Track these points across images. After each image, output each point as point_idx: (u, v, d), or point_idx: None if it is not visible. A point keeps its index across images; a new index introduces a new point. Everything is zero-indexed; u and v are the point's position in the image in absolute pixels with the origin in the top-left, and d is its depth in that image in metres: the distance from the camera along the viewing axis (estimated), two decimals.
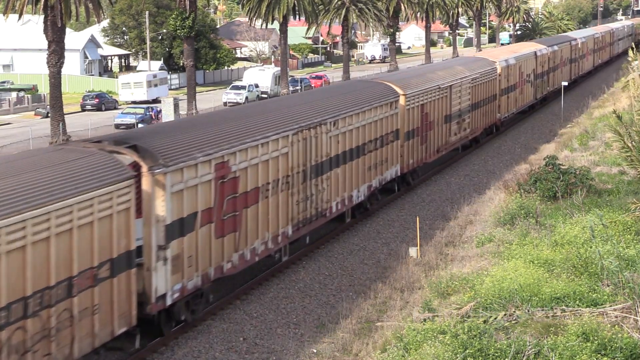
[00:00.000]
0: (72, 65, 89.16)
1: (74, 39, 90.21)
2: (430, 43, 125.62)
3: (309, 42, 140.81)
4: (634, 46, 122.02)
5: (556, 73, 70.86)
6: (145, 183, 19.70)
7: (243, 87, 78.14)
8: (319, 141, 27.88)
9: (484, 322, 18.06)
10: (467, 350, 16.04)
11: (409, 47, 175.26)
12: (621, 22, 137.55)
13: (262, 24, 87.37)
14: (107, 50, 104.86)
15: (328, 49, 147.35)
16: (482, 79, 47.83)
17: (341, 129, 29.49)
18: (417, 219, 30.52)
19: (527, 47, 64.40)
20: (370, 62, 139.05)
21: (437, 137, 39.96)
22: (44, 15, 52.69)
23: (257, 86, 79.30)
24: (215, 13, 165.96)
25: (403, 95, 35.58)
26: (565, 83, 66.29)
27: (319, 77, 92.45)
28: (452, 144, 43.04)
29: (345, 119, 29.88)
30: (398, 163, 35.31)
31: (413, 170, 37.78)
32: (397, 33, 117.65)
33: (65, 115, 57.09)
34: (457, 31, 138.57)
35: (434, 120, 39.50)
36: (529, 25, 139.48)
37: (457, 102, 43.18)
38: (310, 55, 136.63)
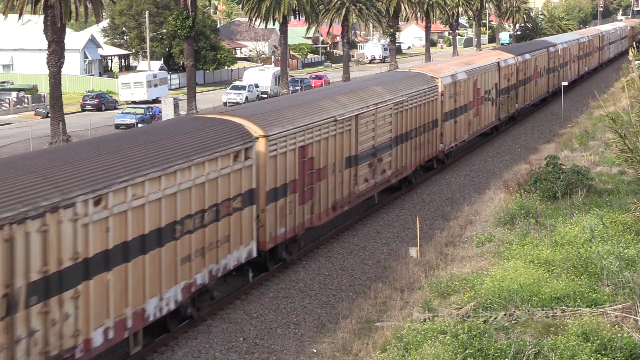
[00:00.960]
0: (72, 65, 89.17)
1: (74, 39, 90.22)
2: (430, 43, 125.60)
3: (309, 42, 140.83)
4: (634, 45, 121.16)
5: (529, 86, 60.32)
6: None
7: (243, 87, 78.16)
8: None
9: (484, 322, 18.07)
10: (467, 350, 16.05)
11: (409, 47, 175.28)
12: (613, 24, 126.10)
13: (262, 24, 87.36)
14: (107, 50, 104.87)
15: (328, 49, 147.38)
16: (413, 102, 36.74)
17: (114, 209, 18.22)
18: (417, 219, 30.52)
19: (488, 57, 52.99)
20: (370, 62, 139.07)
21: (332, 189, 29.08)
22: (44, 15, 52.71)
23: (257, 86, 79.33)
24: (215, 13, 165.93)
25: (263, 137, 24.81)
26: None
27: (319, 77, 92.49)
28: (362, 195, 31.78)
29: (126, 191, 18.57)
30: (253, 239, 24.18)
31: (291, 239, 26.85)
32: (397, 33, 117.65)
33: (65, 115, 57.09)
34: (457, 31, 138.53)
35: (327, 166, 28.74)
36: (529, 25, 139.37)
37: (370, 137, 32.31)
38: (310, 55, 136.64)
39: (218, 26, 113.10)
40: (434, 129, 40.11)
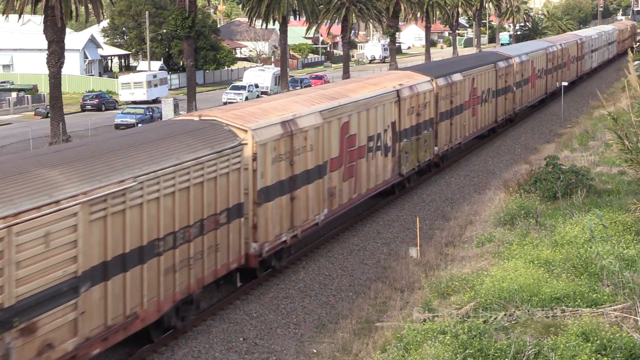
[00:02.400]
0: (72, 65, 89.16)
1: (74, 39, 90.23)
2: (430, 43, 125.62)
3: (309, 42, 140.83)
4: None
5: (460, 119, 43.16)
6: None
7: (243, 87, 78.19)
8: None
9: (484, 322, 18.07)
10: (467, 350, 16.05)
11: (409, 47, 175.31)
12: (597, 28, 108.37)
13: (262, 24, 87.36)
14: (107, 50, 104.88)
15: (328, 49, 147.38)
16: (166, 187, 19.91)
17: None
18: (417, 219, 30.52)
19: (381, 84, 35.16)
20: (370, 62, 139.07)
21: None
22: (44, 15, 52.73)
23: (257, 86, 79.34)
24: (215, 13, 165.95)
25: None
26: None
27: (318, 77, 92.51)
28: None
29: None
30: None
31: None
32: (397, 33, 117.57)
33: (65, 115, 57.12)
34: (457, 31, 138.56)
35: None
36: (529, 25, 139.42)
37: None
38: (310, 55, 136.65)
39: (218, 26, 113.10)
40: (238, 220, 23.04)
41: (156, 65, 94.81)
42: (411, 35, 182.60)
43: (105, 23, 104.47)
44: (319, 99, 29.49)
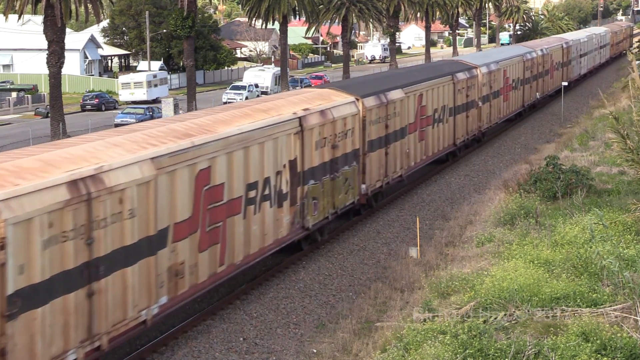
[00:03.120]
0: (72, 65, 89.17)
1: (74, 39, 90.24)
2: (430, 43, 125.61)
3: (309, 42, 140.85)
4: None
5: (397, 147, 34.69)
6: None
7: (243, 87, 78.19)
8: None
9: (484, 322, 18.07)
10: (467, 350, 16.05)
11: (409, 47, 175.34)
12: (587, 31, 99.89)
13: (262, 24, 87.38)
14: (107, 50, 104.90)
15: (328, 49, 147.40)
16: None
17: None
18: (417, 219, 30.52)
19: (274, 111, 26.00)
20: (370, 62, 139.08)
21: None
22: (44, 15, 52.74)
23: (257, 86, 79.35)
24: (215, 13, 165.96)
25: None
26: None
27: (318, 77, 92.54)
28: None
29: None
30: None
31: None
32: (397, 33, 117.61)
33: (65, 115, 57.18)
34: (457, 31, 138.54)
35: None
36: (529, 25, 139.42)
37: None
38: (310, 55, 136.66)
39: (218, 26, 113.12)
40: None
41: (156, 65, 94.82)
42: (411, 35, 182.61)
43: (105, 23, 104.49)
44: (161, 138, 20.57)
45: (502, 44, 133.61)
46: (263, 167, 24.21)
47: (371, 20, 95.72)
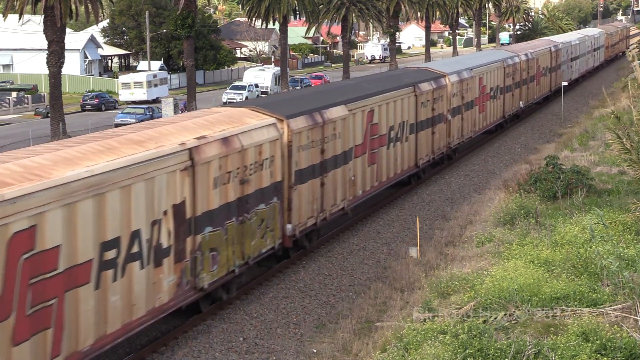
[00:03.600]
0: (72, 65, 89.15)
1: (74, 39, 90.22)
2: (430, 43, 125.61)
3: (309, 42, 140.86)
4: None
5: (337, 175, 29.53)
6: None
7: (243, 87, 78.19)
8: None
9: (484, 322, 18.08)
10: (467, 350, 16.05)
11: (409, 47, 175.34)
12: (579, 32, 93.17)
13: (262, 24, 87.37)
14: (107, 50, 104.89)
15: (328, 49, 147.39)
16: None
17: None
18: (417, 219, 30.51)
19: (154, 141, 20.44)
20: (370, 62, 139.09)
21: None
22: (43, 15, 52.74)
23: (257, 86, 79.36)
24: (215, 13, 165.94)
25: None
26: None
27: (318, 77, 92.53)
28: None
29: None
30: None
31: None
32: (397, 33, 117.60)
33: (65, 115, 57.20)
34: (457, 31, 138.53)
35: None
36: (529, 25, 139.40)
37: None
38: (310, 55, 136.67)
39: (218, 26, 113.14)
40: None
41: (156, 65, 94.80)
42: (411, 35, 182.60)
43: (105, 23, 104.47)
44: None
45: (502, 44, 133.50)
46: (130, 219, 18.65)
47: (371, 20, 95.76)
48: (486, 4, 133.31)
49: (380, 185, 33.79)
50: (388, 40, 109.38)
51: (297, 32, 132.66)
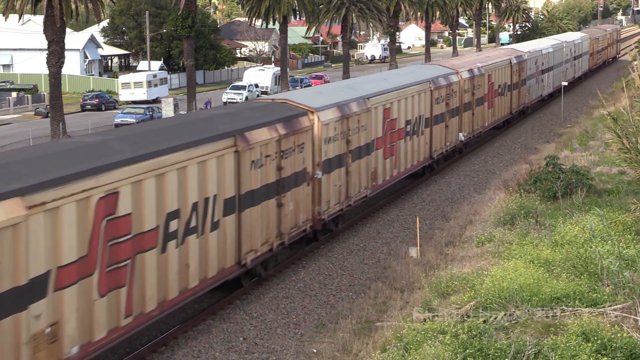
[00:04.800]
0: (72, 65, 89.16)
1: (74, 39, 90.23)
2: (430, 43, 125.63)
3: (309, 42, 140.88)
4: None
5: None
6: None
7: (243, 87, 78.18)
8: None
9: (484, 322, 18.08)
10: (467, 350, 16.06)
11: (409, 47, 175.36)
12: (555, 38, 79.16)
13: (262, 24, 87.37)
14: (107, 50, 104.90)
15: (328, 49, 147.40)
16: None
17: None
18: (417, 219, 30.52)
19: None
20: (370, 62, 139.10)
21: None
22: (44, 15, 52.73)
23: (257, 86, 79.36)
24: (215, 13, 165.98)
25: None
26: None
27: (318, 77, 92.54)
28: None
29: None
30: None
31: None
32: (397, 33, 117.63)
33: (65, 115, 57.17)
34: (457, 31, 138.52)
35: None
36: (529, 25, 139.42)
37: None
38: (310, 55, 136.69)
39: (218, 26, 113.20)
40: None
41: (156, 65, 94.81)
42: (411, 35, 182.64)
43: (105, 23, 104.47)
44: None
45: (502, 44, 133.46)
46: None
47: (371, 20, 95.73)
48: (486, 4, 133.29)
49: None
50: (388, 40, 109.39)
51: (297, 32, 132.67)
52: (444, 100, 40.61)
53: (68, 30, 65.79)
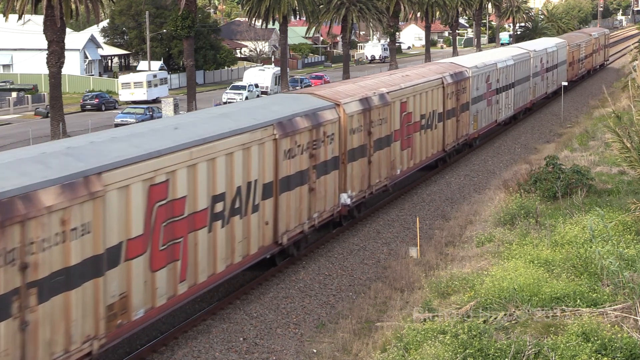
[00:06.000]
0: (72, 65, 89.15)
1: (74, 39, 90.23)
2: (430, 43, 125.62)
3: (309, 42, 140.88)
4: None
5: None
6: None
7: (243, 87, 78.19)
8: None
9: (484, 322, 18.08)
10: (467, 350, 16.06)
11: (409, 47, 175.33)
12: (519, 46, 64.06)
13: (262, 24, 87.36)
14: (107, 50, 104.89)
15: (328, 49, 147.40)
16: None
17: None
18: (417, 219, 30.53)
19: None
20: (370, 62, 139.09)
21: None
22: (44, 15, 52.73)
23: (257, 86, 79.38)
24: (215, 13, 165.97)
25: None
26: None
27: (318, 77, 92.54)
28: None
29: None
30: None
31: None
32: (397, 33, 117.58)
33: (65, 115, 57.17)
34: (457, 31, 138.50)
35: None
36: (529, 25, 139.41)
37: None
38: (310, 55, 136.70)
39: (218, 26, 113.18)
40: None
41: (156, 65, 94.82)
42: (411, 35, 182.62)
43: (105, 23, 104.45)
44: None
45: (502, 44, 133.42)
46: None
47: (371, 20, 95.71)
48: (486, 4, 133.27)
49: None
50: (388, 40, 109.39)
51: (297, 32, 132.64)
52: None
53: (68, 30, 65.78)
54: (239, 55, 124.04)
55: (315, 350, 20.76)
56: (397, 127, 34.99)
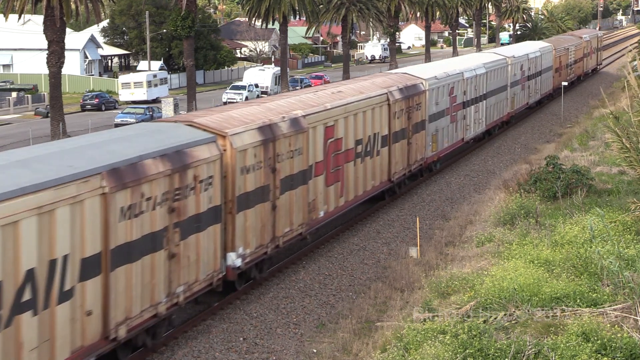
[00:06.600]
0: (72, 65, 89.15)
1: (74, 39, 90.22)
2: (431, 43, 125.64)
3: (309, 42, 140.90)
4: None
5: None
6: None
7: (243, 87, 78.18)
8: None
9: (484, 322, 18.08)
10: (467, 350, 16.06)
11: (409, 47, 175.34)
12: (496, 52, 56.94)
13: (262, 24, 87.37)
14: (107, 50, 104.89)
15: (328, 49, 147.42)
16: None
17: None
18: (417, 219, 30.53)
19: None
20: (370, 62, 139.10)
21: None
22: (44, 15, 52.73)
23: (257, 86, 79.38)
24: (215, 13, 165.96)
25: None
26: None
27: (318, 77, 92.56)
28: None
29: None
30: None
31: None
32: (397, 33, 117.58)
33: (65, 115, 57.17)
34: (457, 31, 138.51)
35: None
36: (529, 25, 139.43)
37: None
38: (310, 55, 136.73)
39: (218, 26, 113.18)
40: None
41: (156, 65, 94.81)
42: (411, 35, 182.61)
43: (105, 23, 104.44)
44: None
45: (502, 44, 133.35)
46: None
47: (371, 20, 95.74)
48: (486, 4, 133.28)
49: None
50: (388, 40, 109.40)
51: (297, 32, 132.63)
52: (159, 207, 20.62)
53: (68, 30, 65.78)
54: (239, 55, 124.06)
55: (315, 350, 20.77)
56: (320, 159, 28.29)
